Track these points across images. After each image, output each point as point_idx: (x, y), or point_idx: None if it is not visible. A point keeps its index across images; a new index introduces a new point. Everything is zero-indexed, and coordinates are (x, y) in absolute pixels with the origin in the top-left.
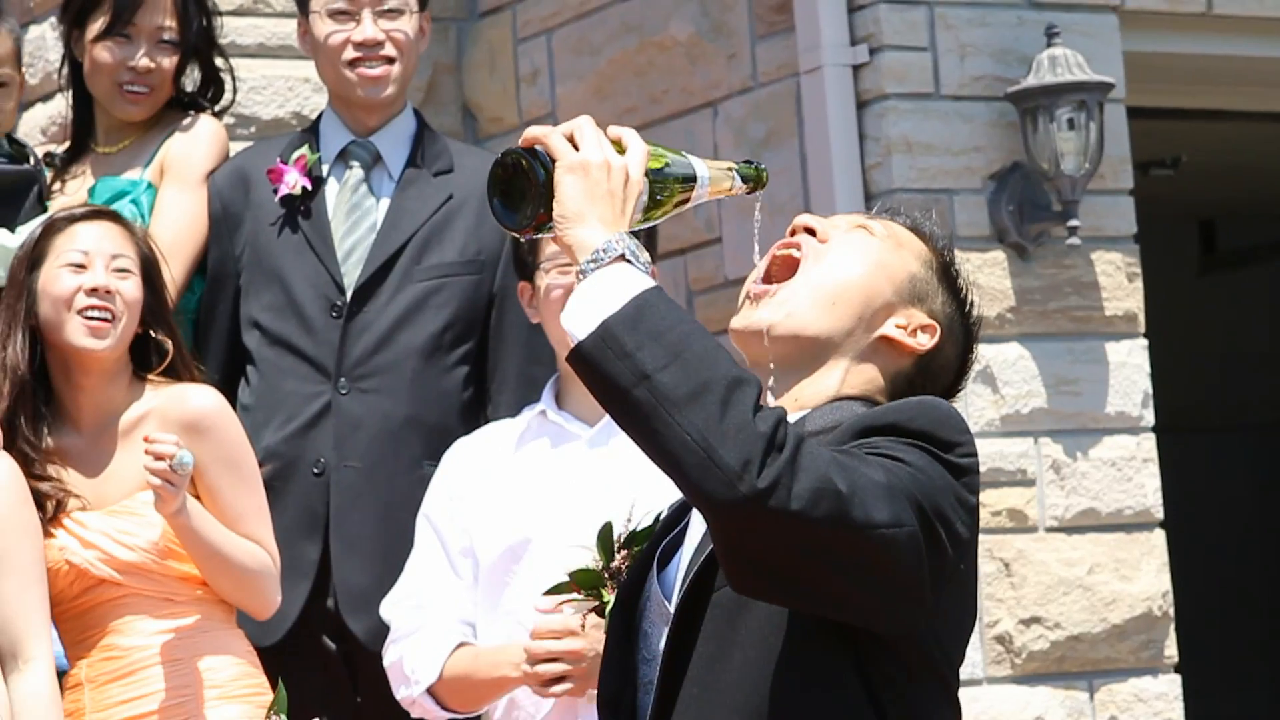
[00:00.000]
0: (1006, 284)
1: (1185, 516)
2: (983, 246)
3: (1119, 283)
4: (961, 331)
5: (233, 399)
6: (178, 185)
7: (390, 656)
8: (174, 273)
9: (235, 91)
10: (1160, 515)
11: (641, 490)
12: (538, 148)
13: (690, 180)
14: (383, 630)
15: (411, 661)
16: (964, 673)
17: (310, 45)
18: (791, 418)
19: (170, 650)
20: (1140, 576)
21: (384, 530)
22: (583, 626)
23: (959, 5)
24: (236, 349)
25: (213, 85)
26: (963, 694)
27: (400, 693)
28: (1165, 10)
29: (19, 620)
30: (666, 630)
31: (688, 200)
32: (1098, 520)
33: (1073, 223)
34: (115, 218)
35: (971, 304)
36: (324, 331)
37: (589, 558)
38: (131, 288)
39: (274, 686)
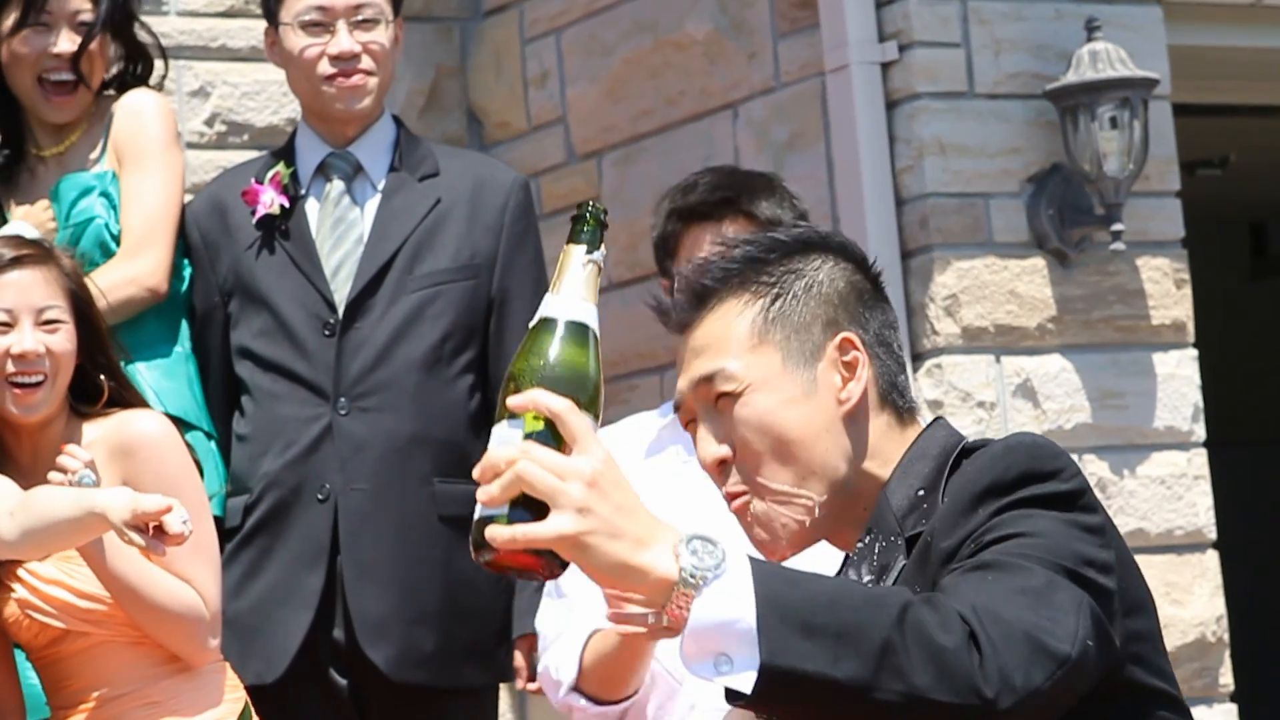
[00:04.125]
0: (1047, 292)
1: (1240, 536)
2: (1021, 253)
3: (1166, 290)
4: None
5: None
6: (137, 168)
7: (540, 667)
8: (160, 258)
9: (166, 64)
10: (1213, 535)
11: None
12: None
13: (584, 332)
14: (406, 658)
15: (555, 665)
16: None
17: (280, 57)
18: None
19: (148, 695)
20: (1193, 600)
21: (398, 554)
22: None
23: None
24: (234, 382)
25: (140, 60)
26: None
27: (555, 702)
28: (1212, 1)
29: None
30: None
31: (597, 347)
32: (1147, 541)
33: (1116, 227)
34: (38, 259)
35: (802, 226)
36: (318, 352)
37: None
38: (62, 340)
39: None
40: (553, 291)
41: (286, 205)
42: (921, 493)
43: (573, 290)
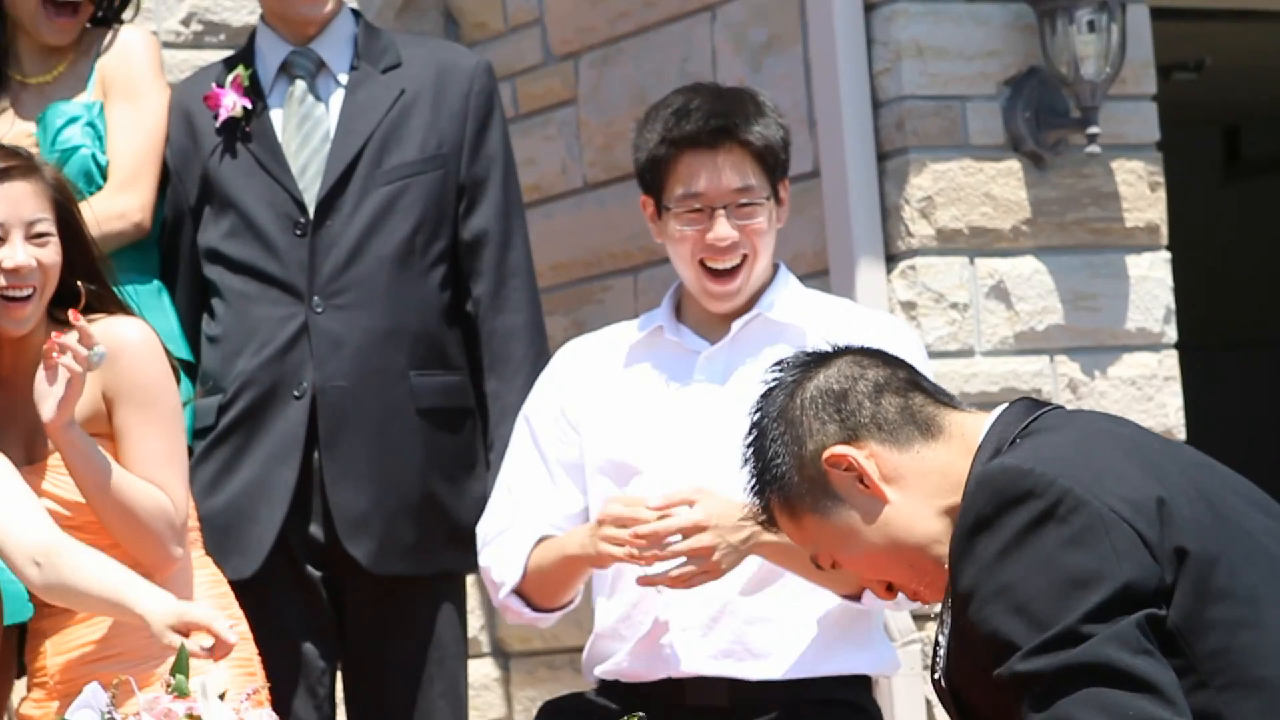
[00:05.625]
0: (1022, 195)
1: (1210, 438)
2: (997, 156)
3: (1140, 193)
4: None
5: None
6: (125, 101)
7: (482, 563)
8: (146, 194)
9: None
10: (1183, 436)
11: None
12: None
13: None
14: (387, 550)
15: (497, 565)
16: None
17: None
18: None
19: None
20: None
21: (377, 449)
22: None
23: None
24: (202, 286)
25: None
26: None
27: (495, 600)
28: None
29: None
30: None
31: None
32: None
33: (1092, 130)
34: (25, 170)
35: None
36: (289, 252)
37: None
38: (51, 253)
39: (251, 623)
40: None
41: (249, 107)
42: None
43: None
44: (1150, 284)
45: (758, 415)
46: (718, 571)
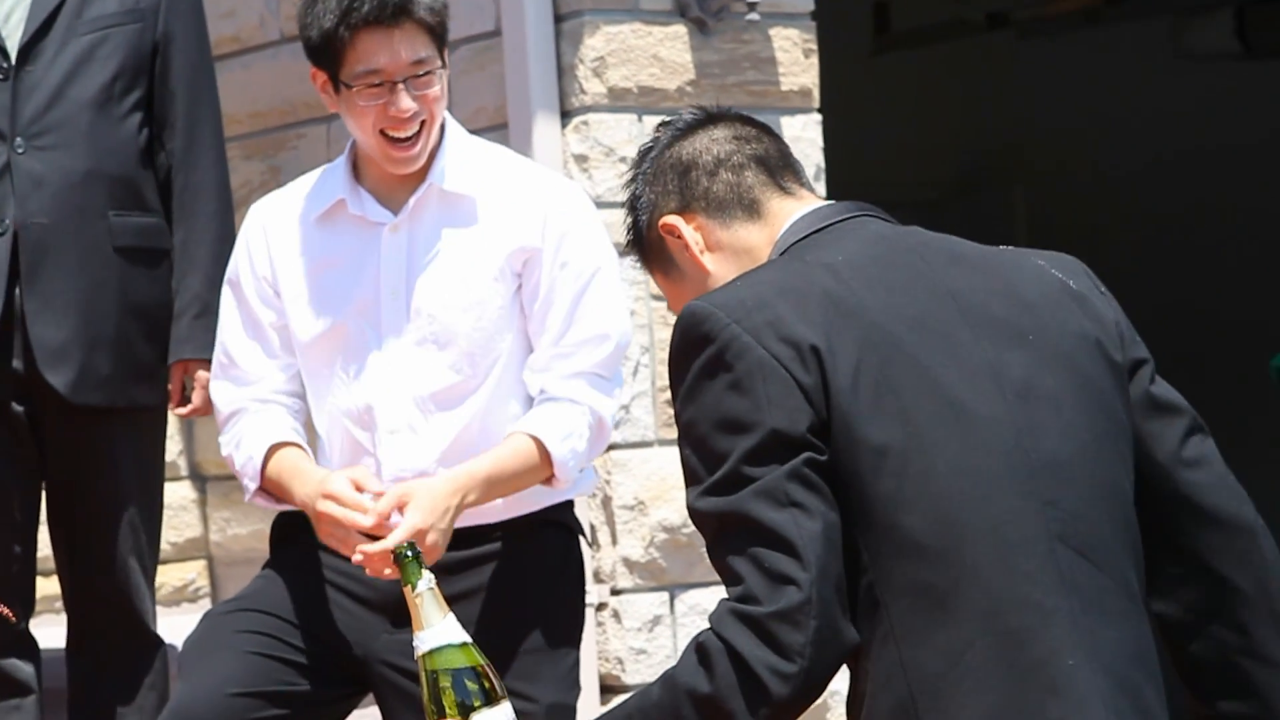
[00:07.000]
0: (687, 58)
1: None
2: (665, 20)
3: (795, 59)
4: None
5: None
6: None
7: (224, 449)
8: None
9: None
10: None
11: (453, 275)
12: None
13: (457, 644)
14: (84, 381)
15: (239, 459)
16: (635, 435)
17: None
18: None
19: None
20: None
21: (77, 283)
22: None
23: None
24: None
25: None
26: (632, 455)
27: (245, 496)
28: None
29: None
30: None
31: None
32: None
33: None
34: None
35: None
36: None
37: None
38: None
39: None
40: (417, 630)
41: None
42: None
43: (428, 620)
44: (803, 144)
45: (631, 175)
46: (436, 552)
